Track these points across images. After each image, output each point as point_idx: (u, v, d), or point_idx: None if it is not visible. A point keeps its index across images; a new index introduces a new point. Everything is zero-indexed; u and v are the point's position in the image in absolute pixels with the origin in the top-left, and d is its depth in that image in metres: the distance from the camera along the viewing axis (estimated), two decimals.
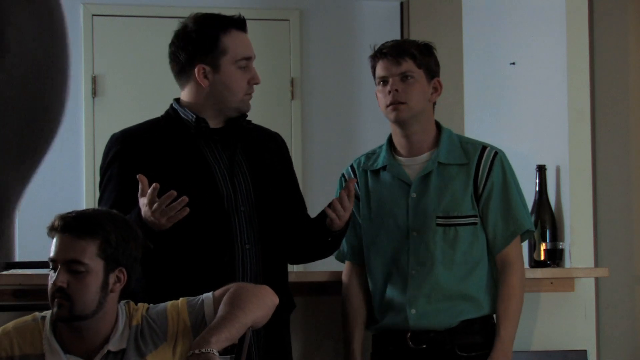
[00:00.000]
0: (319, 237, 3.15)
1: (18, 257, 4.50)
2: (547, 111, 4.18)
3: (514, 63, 4.37)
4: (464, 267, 3.18)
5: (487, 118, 4.59)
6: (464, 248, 3.18)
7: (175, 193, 2.81)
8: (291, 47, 5.75)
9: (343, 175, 3.38)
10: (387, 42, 3.29)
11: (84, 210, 2.70)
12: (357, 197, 3.31)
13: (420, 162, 3.25)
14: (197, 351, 2.53)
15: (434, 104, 3.29)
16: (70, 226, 2.61)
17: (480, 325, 3.20)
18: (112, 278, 2.64)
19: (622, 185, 4.47)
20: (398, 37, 5.57)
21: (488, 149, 3.24)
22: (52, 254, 2.62)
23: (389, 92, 3.19)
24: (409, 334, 3.18)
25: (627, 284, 4.41)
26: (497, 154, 3.24)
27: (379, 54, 3.25)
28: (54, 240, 2.63)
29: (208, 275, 2.97)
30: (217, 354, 2.54)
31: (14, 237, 4.05)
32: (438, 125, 3.30)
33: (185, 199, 2.82)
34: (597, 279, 4.11)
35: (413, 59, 3.21)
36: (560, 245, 3.99)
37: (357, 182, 3.31)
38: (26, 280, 3.37)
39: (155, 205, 2.81)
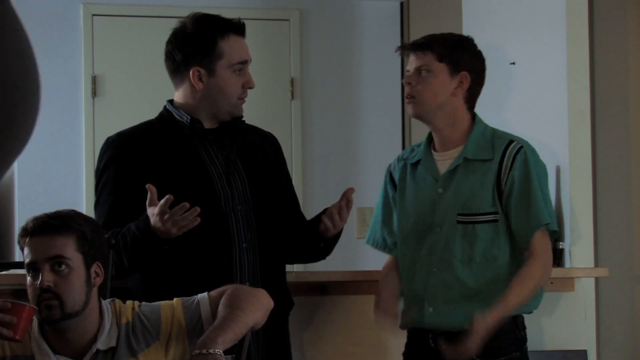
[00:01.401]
0: (312, 241, 3.15)
1: (18, 257, 4.49)
2: (547, 111, 4.18)
3: (514, 63, 4.37)
4: (483, 266, 3.11)
5: (486, 118, 4.58)
6: (484, 246, 3.10)
7: (187, 205, 2.81)
8: (291, 47, 5.75)
9: (390, 166, 3.36)
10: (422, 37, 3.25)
11: (51, 212, 2.69)
12: (396, 188, 3.30)
13: (451, 157, 3.19)
14: (204, 351, 2.52)
15: (468, 97, 3.21)
16: (46, 225, 2.61)
17: (498, 330, 3.06)
18: (92, 272, 2.64)
19: (622, 185, 4.46)
20: (398, 37, 5.56)
21: (514, 143, 3.15)
22: (30, 257, 2.61)
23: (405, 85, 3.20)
24: (430, 334, 3.14)
25: (627, 284, 4.41)
26: (521, 148, 3.14)
27: (404, 48, 3.25)
28: (29, 245, 2.61)
29: (207, 275, 2.98)
30: (222, 354, 2.53)
31: (13, 237, 4.04)
32: (474, 119, 3.24)
33: (197, 209, 2.82)
34: (597, 279, 4.11)
35: (434, 53, 3.16)
36: (560, 245, 3.99)
37: (392, 176, 3.30)
38: (25, 280, 3.36)
39: (167, 215, 2.81)
